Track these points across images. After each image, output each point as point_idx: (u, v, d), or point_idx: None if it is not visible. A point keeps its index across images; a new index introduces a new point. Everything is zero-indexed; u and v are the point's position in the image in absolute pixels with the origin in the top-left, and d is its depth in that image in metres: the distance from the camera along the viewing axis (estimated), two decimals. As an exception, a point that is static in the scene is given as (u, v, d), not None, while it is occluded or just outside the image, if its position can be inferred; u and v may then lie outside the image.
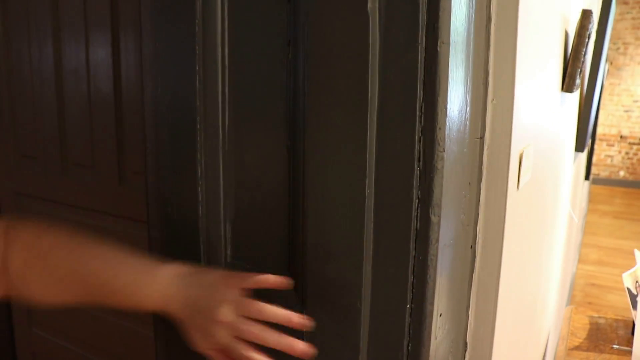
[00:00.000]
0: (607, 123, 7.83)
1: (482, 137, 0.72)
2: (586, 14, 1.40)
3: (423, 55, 0.60)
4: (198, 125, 0.73)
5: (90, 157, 1.54)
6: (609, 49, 7.67)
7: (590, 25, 1.44)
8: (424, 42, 0.59)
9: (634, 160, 7.75)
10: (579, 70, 1.57)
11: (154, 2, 0.76)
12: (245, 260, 0.75)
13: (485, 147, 0.72)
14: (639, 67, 7.56)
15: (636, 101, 7.63)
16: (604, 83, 7.53)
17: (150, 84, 0.81)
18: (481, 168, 0.72)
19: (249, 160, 0.72)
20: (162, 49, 0.77)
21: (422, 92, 0.60)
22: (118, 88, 1.45)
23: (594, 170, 8.01)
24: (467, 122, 0.67)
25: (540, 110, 1.09)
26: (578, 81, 1.60)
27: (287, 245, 0.71)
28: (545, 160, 1.26)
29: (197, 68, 0.73)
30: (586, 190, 6.03)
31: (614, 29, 7.62)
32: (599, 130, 7.85)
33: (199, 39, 0.73)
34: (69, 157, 1.61)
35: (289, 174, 0.68)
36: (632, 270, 1.74)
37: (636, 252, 2.00)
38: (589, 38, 1.62)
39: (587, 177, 4.44)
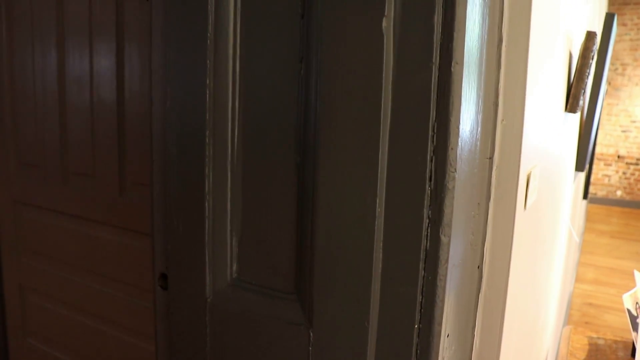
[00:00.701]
0: (605, 143, 7.86)
1: (491, 158, 0.72)
2: (590, 36, 1.41)
3: (437, 74, 0.60)
4: (207, 139, 0.73)
5: (91, 166, 1.54)
6: (609, 70, 7.73)
7: (594, 47, 1.45)
8: (437, 62, 0.59)
9: (631, 180, 7.77)
10: (583, 91, 1.58)
11: (166, 15, 0.77)
12: (251, 277, 0.74)
13: (494, 167, 0.72)
14: (637, 87, 7.62)
15: (634, 121, 7.67)
16: (603, 104, 7.57)
17: (159, 96, 0.81)
18: (490, 188, 0.72)
19: (258, 175, 0.72)
20: (172, 61, 0.77)
21: (435, 111, 0.60)
22: (121, 98, 1.44)
23: (591, 189, 8.02)
24: (478, 143, 0.67)
25: (547, 131, 1.09)
26: (581, 102, 1.61)
27: (294, 263, 0.70)
28: (549, 179, 1.26)
29: (207, 82, 0.73)
30: (584, 209, 6.04)
31: (613, 49, 7.68)
32: (597, 149, 7.88)
33: (210, 53, 0.73)
34: (69, 166, 1.60)
35: (298, 191, 0.68)
36: (632, 292, 1.73)
37: (636, 273, 2.00)
38: (592, 59, 1.63)
39: (585, 197, 4.45)
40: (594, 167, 7.89)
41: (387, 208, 0.62)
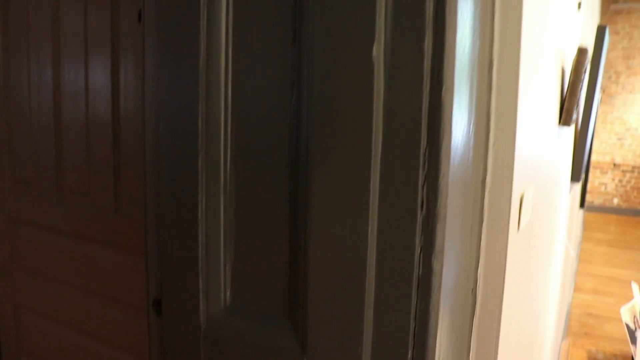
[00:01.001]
0: (601, 151, 7.89)
1: (483, 181, 0.72)
2: (582, 52, 1.42)
3: (427, 101, 0.60)
4: (200, 165, 0.73)
5: (87, 184, 1.53)
6: (603, 78, 7.78)
7: (586, 62, 1.46)
8: (428, 89, 0.60)
9: (627, 188, 7.79)
10: (576, 104, 1.59)
11: (158, 40, 0.77)
12: (245, 303, 0.74)
13: (487, 191, 0.72)
14: (631, 95, 7.66)
15: (628, 129, 7.71)
16: (598, 112, 7.60)
17: (152, 120, 0.81)
18: (482, 212, 0.72)
19: (250, 202, 0.71)
20: (165, 86, 0.77)
21: (425, 138, 0.60)
22: (116, 115, 1.44)
23: (588, 197, 8.03)
24: (470, 167, 0.67)
25: (540, 148, 1.09)
26: (575, 115, 1.62)
27: (287, 291, 0.70)
28: (544, 195, 1.26)
29: (200, 107, 0.73)
30: (581, 218, 6.05)
31: (606, 58, 7.73)
32: (593, 157, 7.90)
33: (202, 78, 0.73)
34: (64, 183, 1.60)
35: (291, 219, 0.68)
36: (629, 305, 1.73)
37: (633, 284, 1.99)
38: (585, 73, 1.64)
39: (582, 205, 4.46)
40: (590, 175, 7.91)
41: (379, 235, 0.62)
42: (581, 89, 1.57)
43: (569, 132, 2.11)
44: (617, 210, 7.82)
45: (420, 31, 0.59)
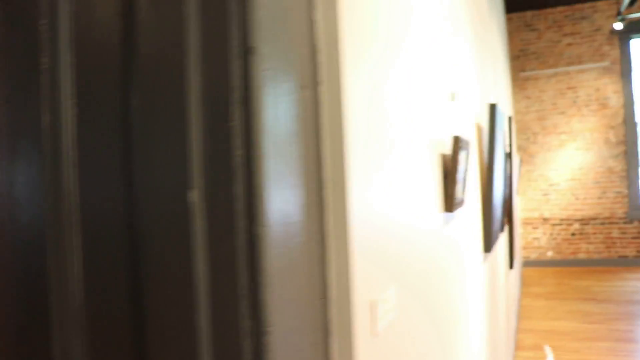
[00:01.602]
0: (530, 207, 8.27)
1: (324, 298, 0.76)
2: (457, 140, 1.54)
3: (245, 238, 0.64)
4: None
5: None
6: (521, 139, 8.29)
7: (461, 148, 1.58)
8: (245, 226, 0.64)
9: (559, 240, 8.14)
10: (461, 189, 1.70)
11: None
12: None
13: (330, 304, 0.76)
14: (549, 153, 8.18)
15: (551, 185, 8.16)
16: (520, 171, 8.04)
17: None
18: (327, 327, 0.75)
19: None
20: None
21: (246, 276, 0.64)
22: None
23: (524, 253, 8.32)
24: (303, 290, 0.71)
25: (412, 243, 1.16)
26: (461, 196, 1.72)
27: None
28: (427, 285, 1.31)
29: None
30: (516, 276, 6.23)
31: (522, 121, 8.30)
32: (523, 214, 8.27)
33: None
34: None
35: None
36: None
37: (547, 348, 2.06)
38: (467, 157, 1.77)
39: (511, 266, 4.61)
40: (523, 231, 8.24)
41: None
42: (462, 173, 1.69)
43: (470, 210, 2.22)
44: (551, 263, 8.12)
45: (232, 179, 0.65)
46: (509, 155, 4.32)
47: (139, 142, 0.69)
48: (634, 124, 7.88)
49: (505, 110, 5.68)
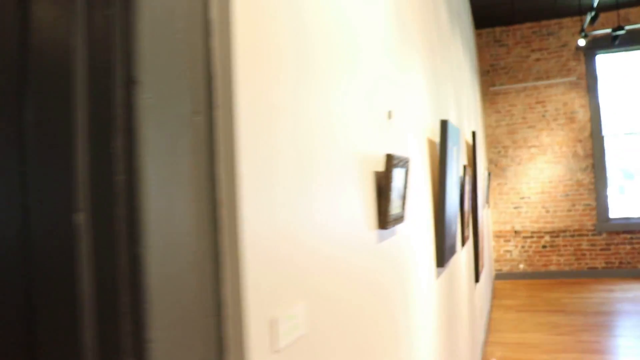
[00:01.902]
0: (501, 220, 8.37)
1: (218, 315, 0.78)
2: (389, 157, 1.59)
3: (126, 258, 0.67)
4: None
5: None
6: (492, 153, 8.43)
7: (396, 166, 1.62)
8: (126, 248, 0.67)
9: (530, 252, 8.24)
10: (399, 205, 1.74)
11: None
12: None
13: (226, 324, 0.79)
14: (520, 166, 8.31)
15: (522, 198, 8.28)
16: (491, 184, 8.15)
17: None
18: (222, 345, 0.78)
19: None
20: None
21: (128, 291, 0.66)
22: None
23: (496, 266, 8.41)
24: (194, 311, 0.74)
25: (332, 259, 1.19)
26: (399, 213, 1.77)
27: None
28: (354, 300, 1.34)
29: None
30: (486, 290, 6.29)
31: (493, 134, 8.43)
32: (495, 227, 8.37)
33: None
34: None
35: None
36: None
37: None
38: (406, 174, 1.82)
39: (477, 280, 4.66)
40: (495, 244, 8.34)
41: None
42: (400, 189, 1.73)
43: (420, 226, 2.27)
44: (523, 275, 8.22)
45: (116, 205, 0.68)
46: (471, 170, 4.40)
47: (32, 161, 0.72)
48: (601, 137, 8.07)
49: (471, 124, 5.78)
